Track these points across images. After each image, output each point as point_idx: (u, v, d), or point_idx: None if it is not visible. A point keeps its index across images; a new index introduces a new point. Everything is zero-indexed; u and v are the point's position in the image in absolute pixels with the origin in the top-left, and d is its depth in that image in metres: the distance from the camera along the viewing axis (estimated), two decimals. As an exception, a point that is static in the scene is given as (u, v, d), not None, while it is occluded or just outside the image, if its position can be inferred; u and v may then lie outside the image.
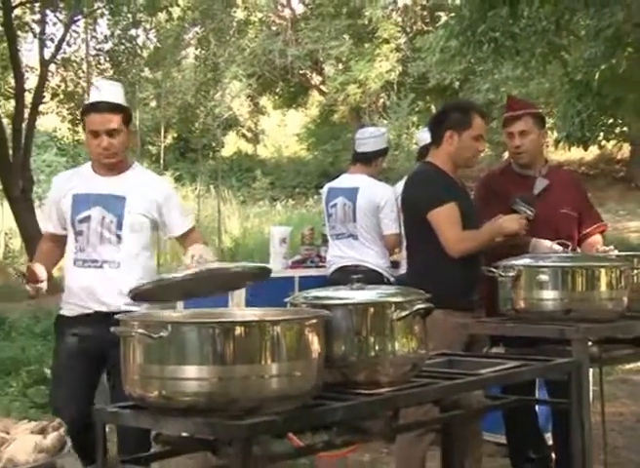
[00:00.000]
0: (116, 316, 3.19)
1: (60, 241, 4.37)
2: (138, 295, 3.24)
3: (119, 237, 4.19)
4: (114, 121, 4.18)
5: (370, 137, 6.27)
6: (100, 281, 4.16)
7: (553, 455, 4.91)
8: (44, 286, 4.15)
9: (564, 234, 4.52)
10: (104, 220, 4.18)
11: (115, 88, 4.38)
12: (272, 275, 6.16)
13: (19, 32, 16.15)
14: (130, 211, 4.20)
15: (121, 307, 3.95)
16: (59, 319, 4.36)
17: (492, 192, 4.82)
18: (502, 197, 4.60)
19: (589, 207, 4.97)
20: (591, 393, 4.01)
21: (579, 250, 4.62)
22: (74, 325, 4.22)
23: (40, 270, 4.14)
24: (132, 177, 4.31)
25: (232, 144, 31.42)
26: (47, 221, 4.50)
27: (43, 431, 3.00)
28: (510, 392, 3.98)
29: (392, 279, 5.89)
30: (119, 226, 4.19)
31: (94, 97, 4.28)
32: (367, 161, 6.17)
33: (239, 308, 4.75)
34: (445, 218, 4.34)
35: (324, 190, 6.57)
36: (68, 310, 4.27)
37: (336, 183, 6.43)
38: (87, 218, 4.20)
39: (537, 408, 4.90)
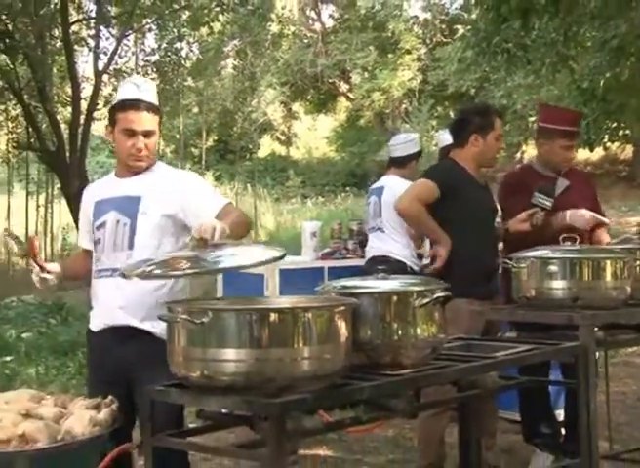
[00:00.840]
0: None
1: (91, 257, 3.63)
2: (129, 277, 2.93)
3: (131, 242, 3.41)
4: (153, 122, 3.52)
5: (402, 143, 6.34)
6: (111, 290, 3.40)
7: (563, 431, 4.89)
8: (49, 277, 3.53)
9: (581, 229, 4.56)
10: (119, 224, 3.44)
11: (152, 86, 3.67)
12: (304, 266, 6.31)
13: (76, 46, 16.23)
14: (145, 211, 3.42)
15: (127, 322, 3.35)
16: (87, 333, 3.67)
17: (515, 190, 4.79)
18: (525, 194, 4.60)
19: (597, 204, 4.95)
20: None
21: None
22: (98, 337, 3.50)
23: (53, 266, 3.60)
24: (149, 176, 3.53)
25: (267, 147, 31.48)
26: (81, 237, 3.79)
27: (97, 407, 3.02)
28: (525, 373, 3.98)
29: (416, 268, 5.88)
30: (132, 230, 3.42)
31: (131, 92, 3.52)
32: (400, 164, 6.23)
33: (273, 296, 4.76)
34: (418, 187, 4.45)
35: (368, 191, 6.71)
36: (93, 325, 3.55)
37: (374, 185, 6.55)
38: (103, 224, 3.48)
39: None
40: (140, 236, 3.39)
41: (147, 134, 3.48)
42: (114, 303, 3.38)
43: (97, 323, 3.50)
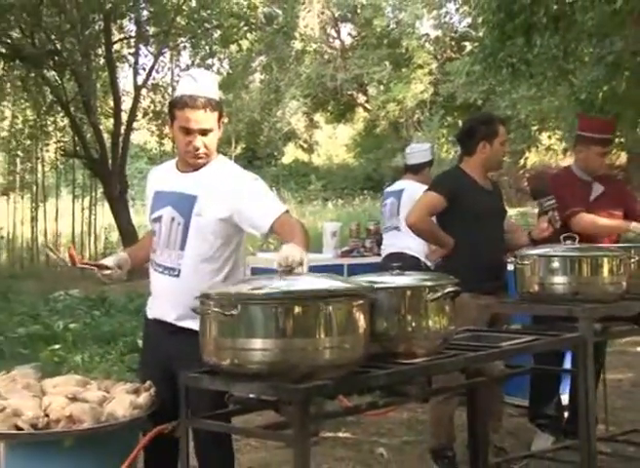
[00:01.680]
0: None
1: None
2: None
3: (184, 242, 3.15)
4: (210, 120, 3.13)
5: (416, 152, 6.33)
6: (162, 288, 3.24)
7: (566, 414, 4.87)
8: (109, 272, 3.27)
9: None
10: (173, 222, 3.17)
11: (212, 79, 3.25)
12: (325, 263, 6.30)
13: (117, 63, 16.33)
14: (199, 212, 3.12)
15: (171, 320, 3.19)
16: (144, 316, 3.45)
17: (564, 184, 4.78)
18: (568, 189, 4.66)
19: (635, 202, 4.96)
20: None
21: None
22: (150, 326, 3.34)
23: (107, 260, 3.33)
24: (209, 174, 3.18)
25: (291, 154, 31.51)
26: (146, 218, 3.43)
27: (137, 391, 3.03)
28: (538, 360, 3.97)
29: (430, 264, 5.86)
30: (185, 230, 3.14)
31: (189, 87, 3.13)
32: (415, 171, 6.21)
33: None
34: (425, 200, 4.42)
35: (383, 193, 6.69)
36: (148, 311, 3.37)
37: (389, 188, 6.53)
38: (159, 218, 3.22)
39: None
40: (193, 238, 3.13)
41: (205, 132, 3.13)
42: (164, 300, 3.22)
43: (150, 312, 3.34)
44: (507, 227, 4.66)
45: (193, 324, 2.86)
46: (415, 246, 5.89)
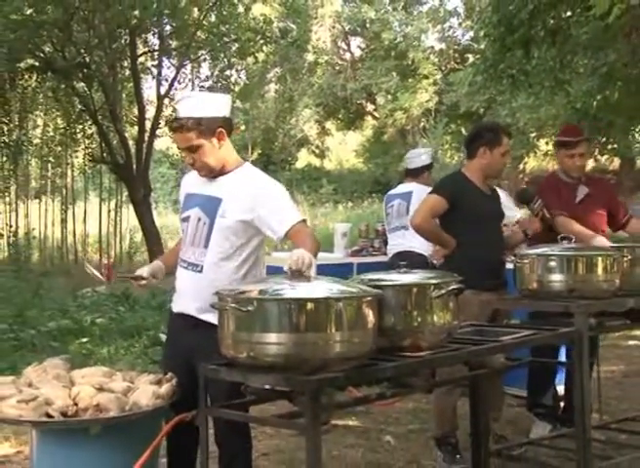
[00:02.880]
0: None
1: None
2: None
3: (207, 240, 3.21)
4: (190, 138, 3.16)
5: (415, 157, 6.30)
6: (185, 282, 3.28)
7: (562, 404, 4.85)
8: (144, 282, 3.35)
9: (598, 229, 4.58)
10: (199, 222, 3.23)
11: (192, 100, 3.26)
12: (336, 261, 6.29)
13: (141, 75, 16.36)
14: (223, 214, 3.18)
15: (192, 313, 3.21)
16: (169, 311, 3.46)
17: (548, 189, 4.77)
18: (553, 194, 4.66)
19: (619, 204, 4.92)
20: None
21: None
22: (174, 320, 3.36)
23: (142, 271, 3.37)
24: (233, 179, 3.24)
25: (304, 159, 31.48)
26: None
27: (159, 382, 3.03)
28: (535, 353, 3.95)
29: (435, 262, 5.84)
30: (210, 229, 3.20)
31: (177, 111, 3.26)
32: (415, 175, 6.18)
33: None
34: (429, 202, 4.36)
35: (385, 198, 6.61)
36: (173, 306, 3.39)
37: (393, 191, 6.49)
38: (187, 218, 3.29)
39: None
40: (216, 236, 3.18)
41: (191, 148, 3.19)
42: (187, 294, 3.25)
43: (175, 306, 3.35)
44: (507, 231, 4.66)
45: (213, 318, 2.86)
46: (420, 244, 5.86)
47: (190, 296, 3.22)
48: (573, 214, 4.53)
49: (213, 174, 3.25)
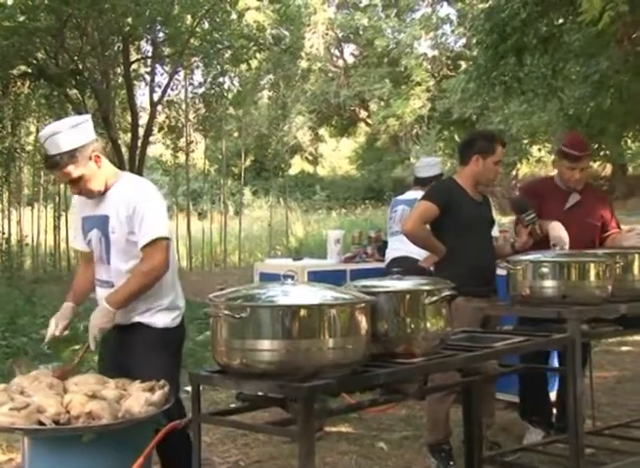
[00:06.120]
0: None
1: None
2: None
3: (109, 257, 3.34)
4: (69, 172, 3.20)
5: (426, 166, 6.19)
6: (100, 300, 3.38)
7: (555, 411, 4.85)
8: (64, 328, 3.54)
9: (589, 239, 4.55)
10: (100, 242, 3.35)
11: (59, 135, 3.17)
12: (329, 268, 6.29)
13: (134, 81, 16.36)
14: (113, 230, 3.29)
15: (120, 322, 3.32)
16: None
17: (534, 194, 4.72)
18: (540, 199, 4.61)
19: (612, 218, 4.85)
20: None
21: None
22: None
23: (54, 330, 3.53)
24: (113, 195, 3.31)
25: (297, 165, 31.53)
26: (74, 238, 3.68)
27: (152, 389, 3.03)
28: (526, 360, 3.95)
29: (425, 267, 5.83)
30: (107, 246, 3.32)
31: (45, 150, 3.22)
32: (424, 184, 6.03)
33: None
34: (420, 209, 4.33)
35: (392, 201, 6.56)
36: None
37: (400, 197, 6.41)
38: (90, 241, 3.41)
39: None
40: (114, 251, 3.32)
41: (73, 181, 3.23)
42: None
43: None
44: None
45: (139, 318, 3.32)
46: (418, 250, 5.87)
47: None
48: (559, 221, 4.51)
49: (100, 194, 3.32)
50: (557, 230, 4.38)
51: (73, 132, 3.21)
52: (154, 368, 3.19)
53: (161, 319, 3.38)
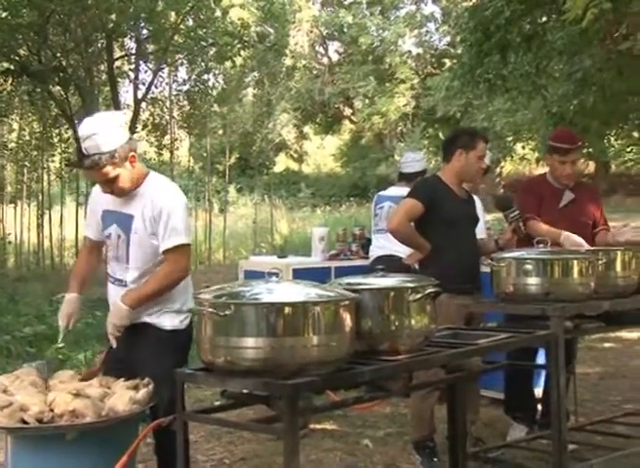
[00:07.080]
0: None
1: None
2: None
3: (127, 257, 3.32)
4: (107, 172, 3.17)
5: (412, 161, 6.18)
6: (115, 298, 3.37)
7: (539, 407, 4.88)
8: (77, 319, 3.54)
9: (581, 237, 4.50)
10: (119, 239, 3.32)
11: (99, 135, 3.14)
12: (314, 265, 6.27)
13: (118, 79, 16.27)
14: (136, 231, 3.27)
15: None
16: None
17: (535, 194, 4.75)
18: (533, 197, 4.65)
19: (601, 216, 4.87)
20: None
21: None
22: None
23: (63, 324, 3.56)
24: (141, 194, 3.29)
25: (282, 163, 31.52)
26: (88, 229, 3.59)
27: (136, 387, 3.02)
28: (512, 356, 3.96)
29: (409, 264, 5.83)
30: (127, 246, 3.30)
31: (82, 148, 3.17)
32: (409, 179, 6.02)
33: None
34: (406, 206, 4.32)
35: (375, 197, 6.53)
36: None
37: (384, 192, 6.38)
38: (109, 236, 3.37)
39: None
40: (133, 252, 3.30)
41: (109, 180, 3.20)
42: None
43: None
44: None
45: (147, 318, 3.30)
46: (403, 248, 5.87)
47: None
48: (553, 219, 4.54)
49: (129, 193, 3.29)
50: (571, 240, 4.39)
51: (113, 131, 3.18)
52: (159, 368, 3.12)
53: (169, 320, 3.35)
